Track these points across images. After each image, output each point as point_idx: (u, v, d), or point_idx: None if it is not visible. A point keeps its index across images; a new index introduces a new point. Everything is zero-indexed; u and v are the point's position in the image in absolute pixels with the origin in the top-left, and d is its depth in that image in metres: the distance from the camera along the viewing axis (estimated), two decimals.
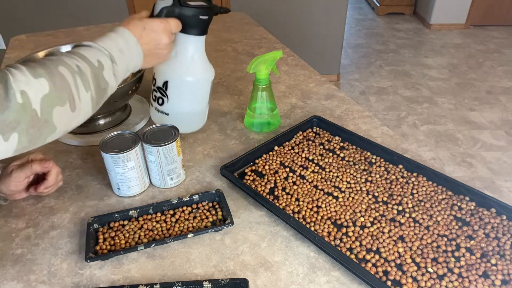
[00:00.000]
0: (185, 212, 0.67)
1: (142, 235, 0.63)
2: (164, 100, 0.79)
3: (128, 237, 0.62)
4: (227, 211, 0.65)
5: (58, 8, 2.37)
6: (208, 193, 0.69)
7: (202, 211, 0.67)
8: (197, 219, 0.66)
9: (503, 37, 3.65)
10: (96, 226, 0.64)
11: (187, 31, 0.72)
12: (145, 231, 0.63)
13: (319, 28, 2.67)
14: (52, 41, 1.37)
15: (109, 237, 0.62)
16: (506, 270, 0.55)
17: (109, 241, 0.62)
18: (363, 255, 0.59)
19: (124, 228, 0.64)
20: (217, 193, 0.69)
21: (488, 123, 2.49)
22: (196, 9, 0.70)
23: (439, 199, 0.68)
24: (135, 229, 0.64)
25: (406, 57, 3.36)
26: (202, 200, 0.69)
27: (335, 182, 0.72)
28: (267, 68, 0.80)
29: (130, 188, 0.70)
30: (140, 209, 0.66)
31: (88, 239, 0.60)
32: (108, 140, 0.68)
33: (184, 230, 0.64)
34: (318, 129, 0.87)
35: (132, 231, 0.63)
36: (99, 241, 0.62)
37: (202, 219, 0.65)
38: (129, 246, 0.61)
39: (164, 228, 0.64)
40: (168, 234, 0.63)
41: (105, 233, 0.63)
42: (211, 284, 0.54)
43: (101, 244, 0.61)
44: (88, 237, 0.61)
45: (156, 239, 0.62)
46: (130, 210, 0.65)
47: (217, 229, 0.63)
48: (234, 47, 1.32)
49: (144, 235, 0.63)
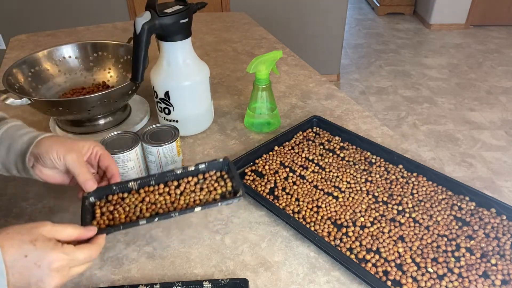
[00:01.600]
0: (191, 184, 0.60)
1: (144, 208, 0.56)
2: (170, 109, 0.81)
3: (129, 211, 0.56)
4: (238, 182, 0.58)
5: (58, 8, 2.37)
6: (216, 161, 0.62)
7: (209, 181, 0.60)
8: (205, 191, 0.59)
9: (503, 37, 3.65)
10: (93, 199, 0.57)
11: (173, 39, 0.73)
12: (147, 205, 0.57)
13: (319, 28, 2.67)
14: (52, 41, 1.37)
15: (108, 211, 0.56)
16: (506, 270, 0.55)
17: (107, 215, 0.55)
18: (363, 255, 0.59)
19: (124, 202, 0.57)
20: (225, 162, 0.62)
21: (488, 123, 2.49)
22: (175, 16, 0.70)
23: (439, 199, 0.68)
24: (136, 202, 0.57)
25: (406, 57, 3.36)
26: (209, 169, 0.62)
27: (335, 182, 0.72)
28: (267, 68, 0.80)
29: None
30: (140, 181, 0.59)
31: (84, 214, 0.54)
32: (108, 140, 0.68)
33: (190, 203, 0.57)
34: (318, 129, 0.87)
35: (132, 205, 0.57)
36: (96, 215, 0.55)
37: (210, 191, 0.59)
38: (130, 221, 0.55)
39: (168, 201, 0.58)
40: (173, 208, 0.57)
41: (103, 207, 0.57)
42: (211, 284, 0.54)
43: (99, 219, 0.55)
44: (84, 212, 0.54)
45: (159, 213, 0.56)
46: (130, 182, 0.59)
47: (227, 203, 0.56)
48: (234, 47, 1.32)
49: (146, 209, 0.56)
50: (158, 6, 0.70)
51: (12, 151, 0.55)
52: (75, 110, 0.77)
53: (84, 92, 0.93)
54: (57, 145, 0.54)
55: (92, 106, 0.77)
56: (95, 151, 0.58)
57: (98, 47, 0.95)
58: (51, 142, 0.54)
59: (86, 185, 0.55)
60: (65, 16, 2.40)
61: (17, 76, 0.84)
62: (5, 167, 0.57)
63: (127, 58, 0.94)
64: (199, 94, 0.81)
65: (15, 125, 0.58)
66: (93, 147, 0.57)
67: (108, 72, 0.97)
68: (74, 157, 0.54)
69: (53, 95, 0.91)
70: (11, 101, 0.71)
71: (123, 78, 0.94)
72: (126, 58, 0.94)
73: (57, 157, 0.53)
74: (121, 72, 0.95)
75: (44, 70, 0.91)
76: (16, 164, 0.56)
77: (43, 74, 0.90)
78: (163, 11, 0.70)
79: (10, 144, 0.55)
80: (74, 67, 0.95)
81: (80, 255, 0.46)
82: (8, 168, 0.57)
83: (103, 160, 0.58)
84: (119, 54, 0.95)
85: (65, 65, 0.94)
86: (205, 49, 1.31)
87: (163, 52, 0.76)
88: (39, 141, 0.54)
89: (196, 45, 1.33)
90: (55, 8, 2.37)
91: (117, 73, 0.96)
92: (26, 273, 0.42)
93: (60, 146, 0.54)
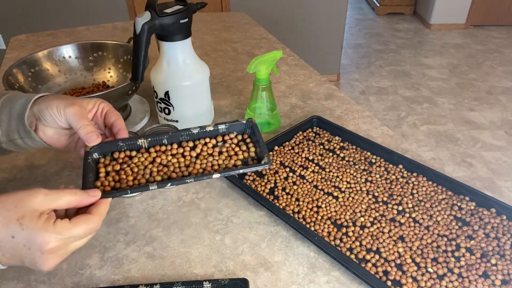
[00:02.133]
0: (208, 146, 0.53)
1: (154, 171, 0.49)
2: (170, 109, 0.80)
3: (137, 172, 0.49)
4: (263, 147, 0.51)
5: (58, 8, 2.37)
6: (238, 122, 0.54)
7: (230, 145, 0.53)
8: (224, 155, 0.52)
9: (503, 37, 3.66)
10: (96, 156, 0.50)
11: (173, 39, 0.73)
12: (158, 167, 0.50)
13: (319, 28, 2.67)
14: (52, 41, 1.37)
15: (113, 170, 0.49)
16: (506, 270, 0.55)
17: (112, 176, 0.49)
18: (363, 255, 0.59)
19: (132, 161, 0.51)
20: (248, 124, 0.55)
21: (488, 123, 2.49)
22: (175, 16, 0.70)
23: (439, 199, 0.68)
24: (145, 163, 0.50)
25: (406, 57, 3.36)
26: (229, 131, 0.55)
27: (335, 182, 0.72)
28: (267, 68, 0.80)
29: None
30: (151, 138, 0.52)
31: (86, 172, 0.47)
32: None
33: (207, 168, 0.50)
34: (318, 129, 0.87)
35: (142, 165, 0.50)
36: (100, 175, 0.49)
37: (230, 156, 0.52)
38: (138, 184, 0.48)
39: (183, 164, 0.51)
40: (188, 173, 0.50)
41: (108, 166, 0.50)
42: (211, 284, 0.54)
43: (103, 179, 0.48)
44: (86, 170, 0.47)
45: (172, 178, 0.49)
46: (139, 139, 0.52)
47: (251, 169, 0.49)
48: (234, 47, 1.32)
49: (157, 172, 0.49)
50: (158, 6, 0.70)
51: (13, 116, 0.51)
52: None
53: (84, 92, 0.93)
54: (58, 100, 0.50)
55: None
56: (101, 108, 0.53)
57: (98, 47, 0.95)
58: (52, 98, 0.50)
59: (89, 139, 0.49)
60: (65, 16, 2.40)
61: (17, 76, 0.84)
62: (9, 137, 0.52)
63: (127, 58, 0.94)
64: (199, 94, 0.81)
65: (15, 92, 0.54)
66: (99, 103, 0.52)
67: (108, 72, 0.97)
68: (76, 109, 0.49)
69: None
70: None
71: (123, 78, 0.94)
72: (126, 58, 0.94)
73: (57, 112, 0.49)
74: (121, 72, 0.95)
75: (44, 70, 0.91)
76: (18, 129, 0.51)
77: (43, 74, 0.90)
78: (163, 11, 0.70)
79: (10, 109, 0.51)
80: (74, 67, 0.95)
81: (78, 231, 0.40)
82: (12, 136, 0.52)
83: (109, 116, 0.53)
84: (119, 54, 0.95)
85: (65, 65, 0.94)
86: (205, 49, 1.31)
87: (163, 52, 0.76)
88: (39, 99, 0.51)
89: (196, 45, 1.33)
90: (55, 8, 2.37)
91: (117, 73, 0.96)
92: (17, 254, 0.38)
93: (61, 101, 0.50)
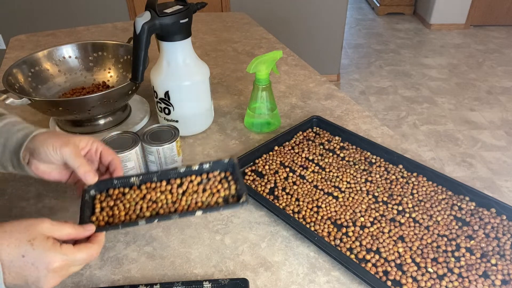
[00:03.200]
0: (194, 183, 0.58)
1: (144, 207, 0.55)
2: (170, 109, 0.81)
3: (129, 208, 0.55)
4: (242, 185, 0.56)
5: (58, 8, 2.37)
6: (221, 162, 0.59)
7: (213, 182, 0.58)
8: (207, 192, 0.57)
9: (503, 37, 3.65)
10: (93, 192, 0.56)
11: (173, 39, 0.73)
12: (148, 202, 0.55)
13: (319, 28, 2.67)
14: (52, 41, 1.37)
15: (107, 206, 0.55)
16: (506, 270, 0.55)
17: (107, 211, 0.54)
18: (363, 255, 0.59)
19: (125, 197, 0.56)
20: (230, 163, 0.59)
21: (488, 123, 2.49)
22: (175, 16, 0.70)
23: (439, 199, 0.68)
24: (136, 199, 0.56)
25: (406, 57, 3.36)
26: (213, 169, 0.59)
27: (335, 182, 0.72)
28: (267, 68, 0.80)
29: None
30: (143, 176, 0.58)
31: (83, 207, 0.52)
32: (108, 140, 0.68)
33: (192, 204, 0.55)
34: (318, 129, 0.87)
35: (133, 201, 0.55)
36: (95, 210, 0.54)
37: (213, 193, 0.57)
38: (129, 219, 0.53)
39: (170, 200, 0.56)
40: (174, 209, 0.55)
41: (103, 202, 0.55)
42: (211, 284, 0.54)
43: (98, 214, 0.53)
44: (83, 206, 0.53)
45: (159, 213, 0.55)
46: (132, 177, 0.57)
47: (230, 208, 0.55)
48: (234, 47, 1.32)
49: (146, 207, 0.55)
50: (158, 6, 0.70)
51: (7, 147, 0.54)
52: (75, 110, 0.77)
53: (84, 92, 0.93)
54: (52, 138, 0.52)
55: (92, 106, 0.77)
56: (94, 147, 0.57)
57: (98, 47, 0.95)
58: (47, 136, 0.53)
59: (87, 177, 0.53)
60: (65, 16, 2.40)
61: (17, 76, 0.84)
62: (1, 164, 0.56)
63: (127, 58, 0.94)
64: (199, 94, 0.81)
65: (12, 121, 0.57)
66: (92, 142, 0.56)
67: (108, 72, 0.97)
68: (71, 149, 0.52)
69: (53, 95, 0.91)
70: (11, 101, 0.71)
71: (123, 78, 0.94)
72: (126, 58, 0.94)
73: (53, 150, 0.52)
74: (121, 72, 0.95)
75: (44, 70, 0.91)
76: (11, 160, 0.55)
77: (43, 74, 0.90)
78: (163, 11, 0.70)
79: (6, 140, 0.54)
80: (74, 67, 0.95)
81: (80, 255, 0.45)
82: (4, 164, 0.56)
83: (106, 155, 0.57)
84: (119, 54, 0.95)
85: (65, 65, 0.94)
86: (205, 49, 1.31)
87: (163, 52, 0.76)
88: (34, 136, 0.53)
89: (196, 45, 1.33)
90: (55, 8, 2.37)
91: (117, 73, 0.96)
92: (23, 273, 0.42)
93: (56, 140, 0.52)
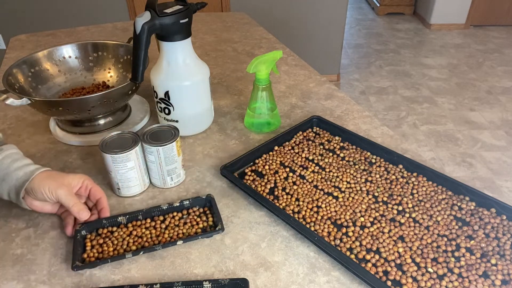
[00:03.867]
0: (175, 218, 0.66)
1: (130, 242, 0.61)
2: (170, 109, 0.81)
3: (117, 244, 0.61)
4: (218, 217, 0.64)
5: (58, 8, 2.37)
6: (199, 198, 0.67)
7: (192, 217, 0.66)
8: (188, 225, 0.64)
9: (503, 37, 3.66)
10: (84, 233, 0.62)
11: (173, 39, 0.73)
12: (134, 238, 0.62)
13: (319, 28, 2.67)
14: (52, 41, 1.37)
15: (97, 244, 0.61)
16: (506, 270, 0.55)
17: (96, 248, 0.60)
18: (363, 255, 0.59)
19: (113, 235, 0.62)
20: (208, 199, 0.67)
21: (488, 123, 2.49)
22: (175, 16, 0.70)
23: (439, 199, 0.68)
24: (123, 236, 0.62)
25: (406, 57, 3.36)
26: (192, 205, 0.67)
27: (335, 182, 0.72)
28: (267, 68, 0.80)
29: (130, 188, 0.70)
30: (129, 215, 0.65)
31: (76, 246, 0.59)
32: (108, 140, 0.68)
33: (174, 236, 0.62)
34: (318, 129, 0.87)
35: (120, 238, 0.62)
36: (86, 248, 0.60)
37: (193, 225, 0.64)
38: (117, 254, 0.60)
39: (154, 234, 0.63)
40: (158, 241, 0.62)
41: (93, 240, 0.62)
42: (211, 284, 0.54)
43: (89, 251, 0.60)
44: (76, 245, 0.59)
45: (145, 246, 0.61)
46: (119, 217, 0.64)
47: (207, 236, 0.62)
48: (234, 47, 1.32)
49: (132, 242, 0.61)
50: (158, 6, 0.70)
51: (6, 182, 0.61)
52: (75, 110, 0.77)
53: (84, 92, 0.93)
54: (48, 180, 0.60)
55: (92, 106, 0.77)
56: (85, 185, 0.64)
57: (98, 47, 0.95)
58: (43, 177, 0.60)
59: (81, 215, 0.61)
60: (65, 16, 2.40)
61: (17, 76, 0.84)
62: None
63: (127, 58, 0.94)
64: (199, 94, 0.81)
65: (11, 154, 0.63)
66: (83, 180, 0.63)
67: (108, 72, 0.97)
68: (65, 191, 0.60)
69: (53, 95, 0.91)
70: (11, 101, 0.71)
71: (123, 78, 0.94)
72: (126, 58, 0.94)
73: (49, 192, 0.59)
74: (121, 72, 0.95)
75: (44, 70, 0.91)
76: (9, 193, 0.62)
77: (43, 74, 0.90)
78: (163, 11, 0.70)
79: (5, 175, 0.61)
80: (74, 67, 0.95)
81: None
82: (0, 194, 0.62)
83: (95, 193, 0.65)
84: (119, 54, 0.95)
85: (65, 65, 0.94)
86: (205, 49, 1.31)
87: (163, 52, 0.76)
88: (33, 178, 0.60)
89: (196, 45, 1.33)
90: (55, 8, 2.37)
91: (117, 73, 0.96)
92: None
93: (52, 182, 0.60)
